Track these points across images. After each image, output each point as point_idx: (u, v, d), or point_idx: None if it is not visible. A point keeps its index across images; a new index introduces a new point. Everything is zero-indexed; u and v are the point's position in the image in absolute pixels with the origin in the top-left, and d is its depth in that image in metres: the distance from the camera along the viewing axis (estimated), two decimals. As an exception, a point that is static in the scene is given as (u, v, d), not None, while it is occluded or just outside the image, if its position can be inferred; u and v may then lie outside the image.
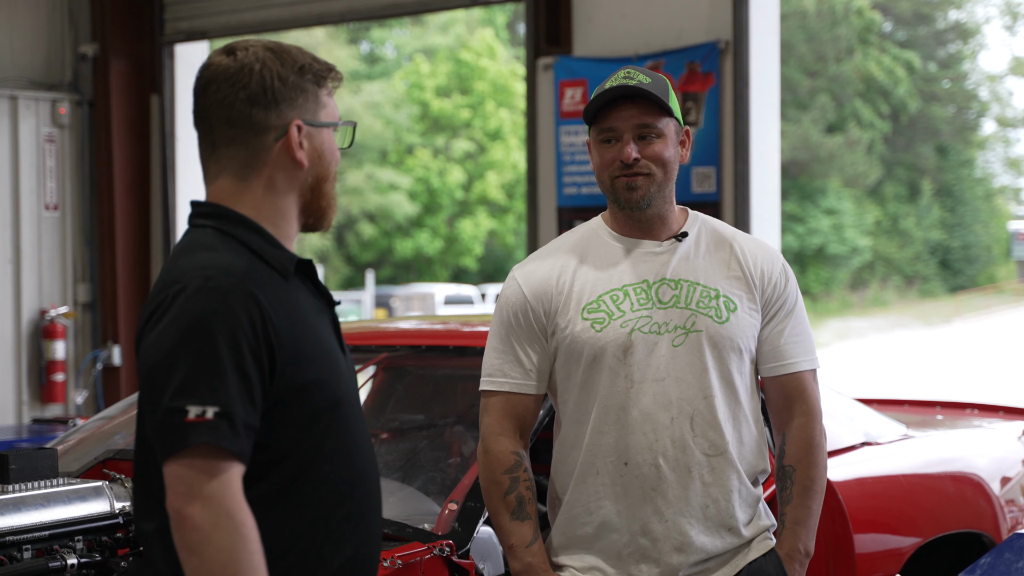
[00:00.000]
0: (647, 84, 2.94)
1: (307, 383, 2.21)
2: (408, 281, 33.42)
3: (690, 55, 7.41)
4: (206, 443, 2.07)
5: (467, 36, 34.29)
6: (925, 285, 40.62)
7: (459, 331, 4.43)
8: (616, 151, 2.95)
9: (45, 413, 9.24)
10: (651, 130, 2.95)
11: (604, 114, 2.96)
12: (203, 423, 2.07)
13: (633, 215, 2.99)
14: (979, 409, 5.69)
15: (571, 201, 7.84)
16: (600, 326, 2.94)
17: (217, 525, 2.06)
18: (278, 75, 2.26)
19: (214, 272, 2.15)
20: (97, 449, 3.95)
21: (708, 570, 2.96)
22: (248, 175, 2.27)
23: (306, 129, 2.28)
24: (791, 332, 3.03)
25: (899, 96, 38.33)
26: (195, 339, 2.10)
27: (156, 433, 2.11)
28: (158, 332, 2.14)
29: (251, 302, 2.15)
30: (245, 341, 2.13)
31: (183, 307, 2.13)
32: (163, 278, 2.21)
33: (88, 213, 9.57)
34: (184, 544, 2.07)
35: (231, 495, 2.08)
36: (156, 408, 2.11)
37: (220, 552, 2.05)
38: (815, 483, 3.03)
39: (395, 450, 4.14)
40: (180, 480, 2.07)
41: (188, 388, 2.09)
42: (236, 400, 2.10)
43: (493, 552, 3.42)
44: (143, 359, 2.16)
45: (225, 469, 2.08)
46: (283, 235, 2.30)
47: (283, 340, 2.18)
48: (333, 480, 2.24)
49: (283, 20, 9.06)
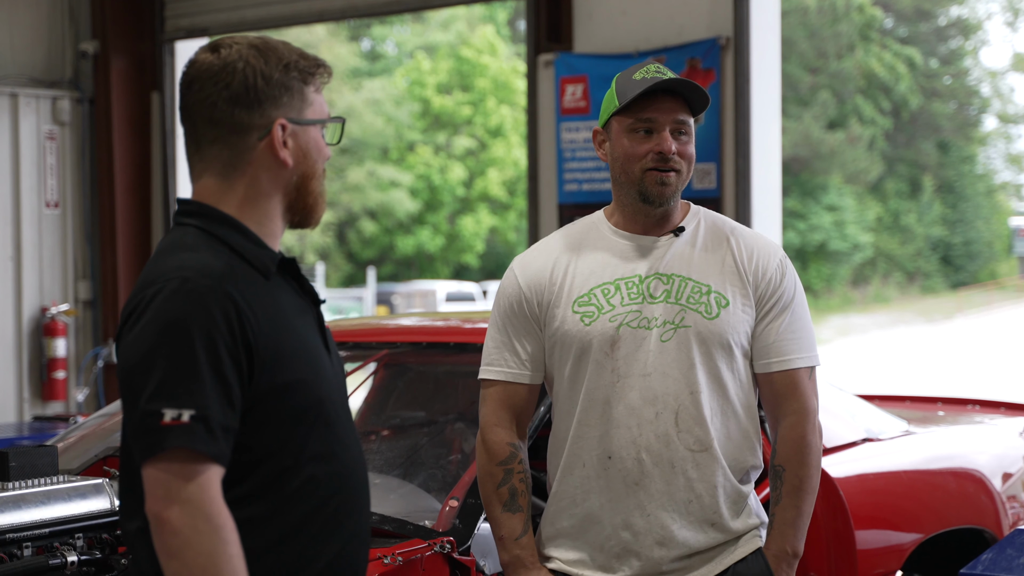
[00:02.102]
0: (681, 81, 2.94)
1: (288, 383, 2.20)
2: (409, 278, 33.43)
3: (691, 51, 7.40)
4: (182, 447, 2.06)
5: (468, 33, 34.29)
6: (926, 281, 40.61)
7: (459, 327, 4.43)
8: (653, 142, 2.93)
9: (46, 410, 9.24)
10: (685, 126, 2.95)
11: (641, 104, 2.94)
12: (179, 426, 2.06)
13: (647, 209, 2.98)
14: (980, 405, 5.69)
15: (572, 198, 7.84)
16: (589, 320, 2.95)
17: (196, 529, 2.05)
18: (262, 73, 2.23)
19: (191, 273, 2.14)
20: (97, 446, 3.95)
21: (692, 566, 2.96)
22: (231, 175, 2.27)
23: (291, 128, 2.26)
24: (786, 328, 3.00)
25: (900, 92, 38.33)
26: (171, 341, 2.09)
27: (133, 436, 2.11)
28: (135, 334, 2.13)
29: (228, 303, 2.14)
30: (222, 342, 2.11)
31: (160, 308, 2.12)
32: (143, 279, 2.21)
33: (89, 210, 9.57)
34: (164, 548, 2.06)
35: (209, 498, 2.07)
36: (133, 410, 2.11)
37: (200, 556, 2.04)
38: (804, 483, 2.99)
39: (396, 447, 4.14)
40: (158, 484, 2.06)
41: (164, 391, 2.07)
42: (213, 402, 2.09)
43: (494, 549, 3.42)
44: (121, 361, 2.16)
45: (202, 472, 2.07)
46: (267, 234, 2.29)
47: (262, 341, 2.16)
48: (318, 479, 2.22)
49: (284, 17, 9.06)
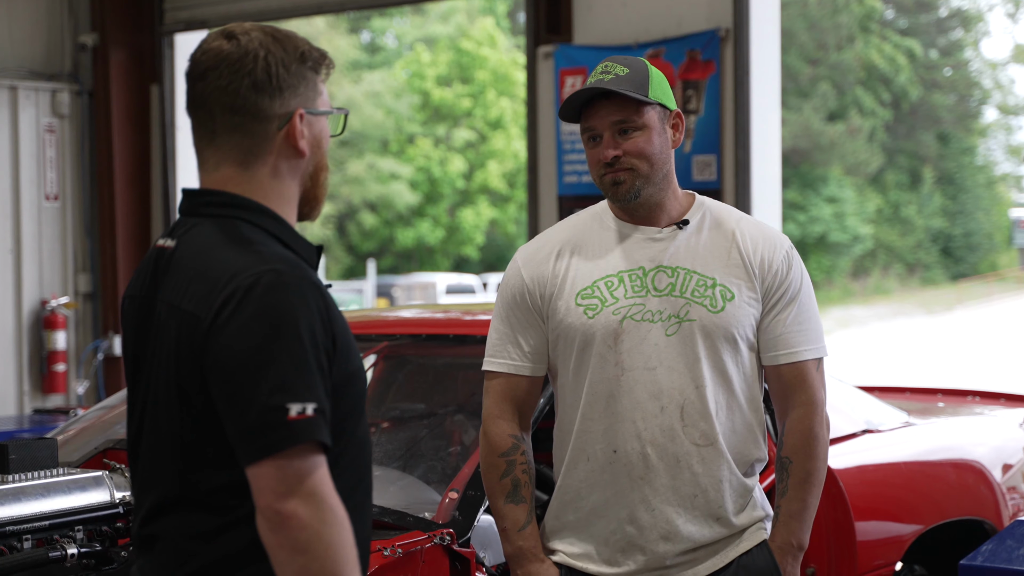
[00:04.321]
0: (623, 76, 2.92)
1: (352, 372, 2.20)
2: (409, 271, 33.43)
3: (690, 43, 7.39)
4: (311, 440, 2.03)
5: (468, 25, 34.26)
6: (927, 273, 40.62)
7: (459, 319, 4.43)
8: (598, 151, 2.96)
9: (46, 403, 9.24)
10: (629, 124, 2.94)
11: (585, 113, 2.97)
12: (304, 420, 2.03)
13: (626, 206, 2.98)
14: (980, 396, 5.69)
15: (571, 190, 7.84)
16: (592, 312, 2.94)
17: (324, 520, 2.02)
18: (282, 62, 2.21)
19: (281, 266, 2.10)
20: (97, 439, 3.95)
21: (697, 560, 2.95)
22: (252, 163, 2.23)
23: (307, 117, 2.25)
24: (793, 320, 2.99)
25: (900, 84, 38.31)
26: (284, 335, 2.05)
27: (249, 432, 2.04)
28: (238, 328, 2.06)
29: (319, 295, 2.12)
30: (319, 334, 2.10)
31: (264, 302, 2.06)
32: (215, 269, 2.12)
33: (88, 203, 9.57)
34: (289, 543, 2.02)
35: (330, 489, 2.05)
36: (247, 407, 2.04)
37: (330, 547, 2.02)
38: (812, 476, 2.99)
39: (396, 439, 4.14)
40: (279, 479, 2.02)
41: (286, 385, 2.03)
42: (324, 394, 2.08)
43: (494, 540, 3.43)
44: (220, 355, 2.07)
45: (321, 464, 2.05)
46: (290, 223, 2.27)
47: (339, 330, 2.16)
48: (353, 467, 2.22)
49: (283, 9, 9.05)
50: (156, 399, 2.19)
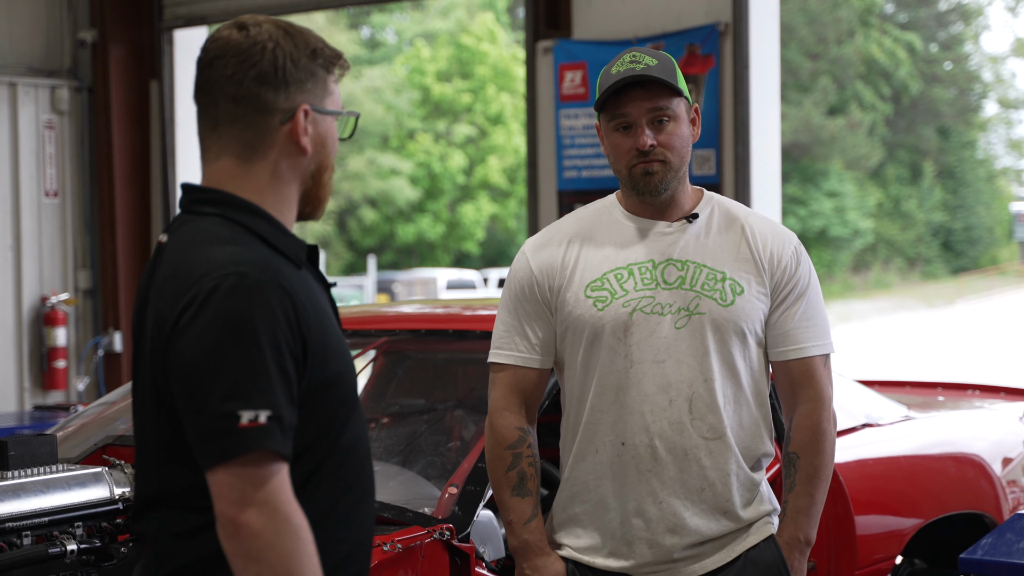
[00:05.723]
0: (654, 67, 2.91)
1: (334, 375, 2.16)
2: (410, 266, 33.43)
3: (690, 37, 7.38)
4: (262, 448, 2.00)
5: (468, 20, 34.25)
6: (927, 267, 40.63)
7: (459, 315, 4.42)
8: (632, 139, 2.91)
9: (47, 400, 9.24)
10: (664, 113, 2.91)
11: (615, 101, 2.92)
12: (257, 428, 1.99)
13: (646, 199, 2.96)
14: (980, 390, 5.69)
15: (571, 185, 7.83)
16: (602, 304, 2.93)
17: (277, 530, 1.99)
18: (290, 56, 2.18)
19: (247, 268, 2.06)
20: (97, 435, 3.95)
21: (704, 554, 2.95)
22: (252, 157, 2.19)
23: (312, 115, 2.21)
24: (802, 316, 2.98)
25: (900, 78, 38.29)
26: (239, 339, 2.01)
27: (202, 438, 2.02)
28: (196, 331, 2.03)
29: (286, 297, 2.07)
30: (283, 338, 2.05)
31: (222, 305, 2.03)
32: (185, 270, 2.10)
33: (88, 199, 9.56)
34: (243, 552, 2.00)
35: (287, 499, 2.02)
36: (200, 412, 2.02)
37: (283, 557, 1.99)
38: (819, 471, 2.99)
39: (395, 434, 4.14)
40: (232, 487, 1.99)
41: (238, 392, 2.00)
42: (283, 401, 2.03)
43: (493, 535, 3.43)
44: (178, 359, 2.05)
45: (277, 472, 2.01)
46: (285, 222, 2.23)
47: (313, 334, 2.11)
48: (345, 469, 2.19)
49: (283, 5, 9.04)
50: (142, 397, 2.18)
